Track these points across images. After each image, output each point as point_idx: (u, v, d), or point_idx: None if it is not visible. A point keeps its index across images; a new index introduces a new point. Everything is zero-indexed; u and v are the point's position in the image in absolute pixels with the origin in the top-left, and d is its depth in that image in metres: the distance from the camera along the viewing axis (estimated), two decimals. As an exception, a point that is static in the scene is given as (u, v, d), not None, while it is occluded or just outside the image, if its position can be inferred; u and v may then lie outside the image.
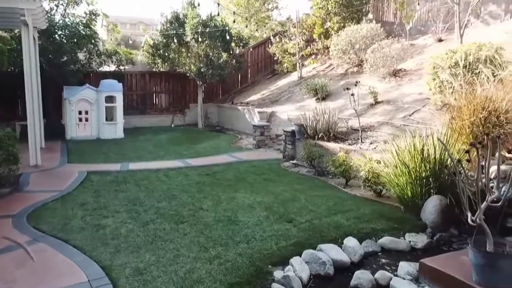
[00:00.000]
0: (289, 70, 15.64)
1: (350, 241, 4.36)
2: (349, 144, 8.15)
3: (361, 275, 3.74)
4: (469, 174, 4.65)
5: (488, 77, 6.11)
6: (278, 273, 3.77)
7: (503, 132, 5.14)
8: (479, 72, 6.78)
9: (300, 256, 4.12)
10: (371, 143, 7.92)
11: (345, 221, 5.07)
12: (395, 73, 11.05)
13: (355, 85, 8.66)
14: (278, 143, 10.71)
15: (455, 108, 5.61)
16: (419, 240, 4.58)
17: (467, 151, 3.27)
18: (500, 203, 3.24)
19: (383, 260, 4.25)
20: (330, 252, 4.12)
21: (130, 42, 29.63)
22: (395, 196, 6.00)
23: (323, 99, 11.90)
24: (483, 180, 3.29)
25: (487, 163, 3.30)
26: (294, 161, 8.95)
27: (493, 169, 5.07)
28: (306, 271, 3.86)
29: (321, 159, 7.86)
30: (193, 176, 7.65)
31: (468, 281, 3.22)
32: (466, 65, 6.68)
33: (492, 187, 4.59)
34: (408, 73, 10.97)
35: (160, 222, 5.14)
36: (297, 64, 14.92)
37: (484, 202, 3.23)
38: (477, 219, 3.18)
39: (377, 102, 9.89)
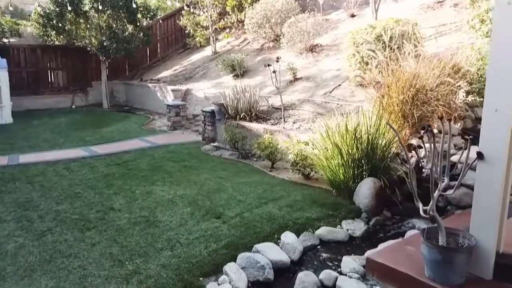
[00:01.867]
0: (202, 44, 14.74)
1: (288, 237, 3.93)
2: (272, 124, 7.75)
3: (304, 278, 3.34)
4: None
5: (409, 53, 6.03)
6: (211, 286, 3.20)
7: (431, 110, 5.07)
8: (398, 47, 6.73)
9: (235, 261, 3.58)
10: (294, 122, 7.60)
11: (277, 211, 4.64)
12: (312, 49, 10.85)
13: (277, 61, 8.23)
14: (196, 124, 9.97)
15: (382, 86, 5.42)
16: (357, 227, 4.32)
17: (421, 137, 2.95)
18: (452, 191, 2.99)
19: (324, 255, 3.90)
20: (268, 253, 3.65)
21: (18, 11, 25.90)
22: (325, 178, 5.73)
23: (241, 75, 11.34)
24: (429, 166, 3.01)
25: (433, 150, 3.01)
26: (215, 144, 8.33)
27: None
28: (244, 280, 3.35)
29: (244, 141, 7.35)
30: (100, 168, 6.65)
31: (421, 278, 2.96)
32: (385, 41, 6.56)
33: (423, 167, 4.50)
34: (324, 48, 10.84)
35: (60, 231, 4.22)
36: (211, 38, 14.09)
37: (436, 191, 2.96)
38: (430, 211, 2.91)
39: (296, 79, 9.60)
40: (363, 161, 4.89)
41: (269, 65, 8.00)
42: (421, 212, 3.00)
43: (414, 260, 3.22)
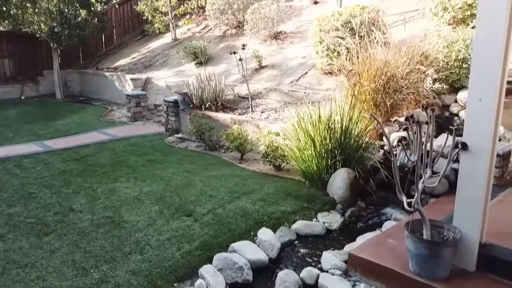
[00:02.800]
0: (161, 31, 14.14)
1: (265, 234, 3.76)
2: (240, 114, 7.52)
3: (285, 277, 3.19)
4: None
5: (378, 41, 5.96)
6: (187, 292, 2.98)
7: (402, 98, 5.03)
8: (365, 35, 6.66)
9: (211, 263, 3.37)
10: (262, 112, 7.42)
11: (251, 206, 4.46)
12: (276, 36, 10.65)
13: (243, 48, 7.97)
14: (158, 115, 9.54)
15: (354, 74, 5.32)
16: (333, 220, 4.22)
17: (405, 128, 2.83)
18: (436, 183, 2.92)
19: (302, 251, 3.77)
20: (245, 252, 3.47)
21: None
22: (296, 169, 5.61)
23: (204, 63, 10.97)
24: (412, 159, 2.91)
25: (419, 142, 2.91)
26: (180, 135, 8.00)
27: (396, 135, 4.98)
28: (222, 283, 3.16)
29: (211, 132, 7.08)
30: (56, 164, 6.17)
31: (406, 273, 2.88)
32: (354, 27, 6.47)
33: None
34: (288, 35, 10.67)
35: (13, 237, 3.82)
36: (170, 25, 13.53)
37: (420, 184, 2.87)
38: (415, 204, 2.82)
39: (262, 67, 9.39)
40: (336, 151, 4.78)
41: (234, 53, 7.74)
42: (405, 205, 2.91)
43: (397, 254, 3.15)
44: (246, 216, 4.23)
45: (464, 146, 2.78)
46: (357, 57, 5.37)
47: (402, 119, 5.37)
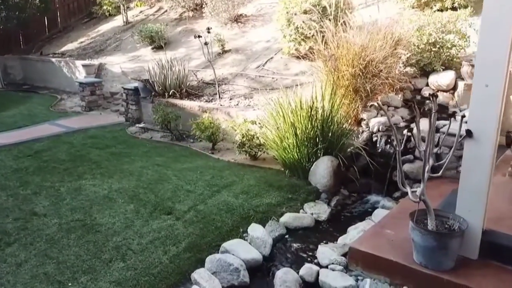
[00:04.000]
0: (111, 13, 13.23)
1: (256, 230, 3.56)
2: (207, 101, 7.18)
3: (285, 276, 3.01)
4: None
5: (349, 24, 5.85)
6: (183, 302, 2.73)
7: (380, 83, 4.97)
8: (334, 17, 6.53)
9: (203, 266, 3.12)
10: (231, 99, 7.12)
11: (234, 200, 4.23)
12: (237, 19, 10.29)
13: (208, 32, 7.58)
14: (116, 103, 8.94)
15: (332, 58, 5.16)
16: (321, 211, 4.10)
17: (422, 115, 2.70)
18: (440, 172, 2.84)
19: (295, 245, 3.61)
20: (239, 252, 3.25)
21: None
22: (274, 158, 5.45)
23: (161, 48, 10.42)
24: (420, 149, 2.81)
25: (432, 131, 2.81)
26: (142, 125, 7.53)
27: (375, 120, 4.91)
28: (217, 287, 2.92)
29: (178, 121, 6.70)
30: (7, 162, 5.55)
31: (411, 265, 2.81)
32: (328, 9, 6.30)
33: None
34: (250, 18, 10.35)
35: (-31, 251, 3.34)
36: (121, 7, 12.69)
37: (425, 174, 2.78)
38: (421, 195, 2.72)
39: (225, 51, 9.02)
40: (318, 139, 4.64)
41: (199, 36, 7.35)
42: (410, 196, 2.82)
43: (397, 245, 3.07)
44: (231, 211, 3.99)
45: (469, 134, 2.71)
46: (333, 41, 5.22)
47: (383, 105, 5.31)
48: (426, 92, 5.73)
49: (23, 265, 3.14)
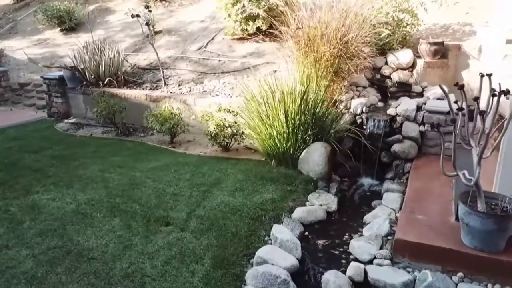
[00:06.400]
0: (-4, -12, 11.18)
1: (282, 232, 3.19)
2: (151, 89, 6.42)
3: (338, 281, 2.74)
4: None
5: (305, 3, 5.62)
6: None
7: (356, 63, 4.86)
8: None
9: (245, 284, 2.69)
10: (179, 85, 6.46)
11: (232, 199, 3.79)
12: (160, -2, 9.42)
13: (149, 11, 6.77)
14: (29, 96, 7.55)
15: (300, 39, 4.89)
16: (329, 201, 3.87)
17: (476, 98, 2.56)
18: (489, 154, 2.78)
19: (320, 242, 3.34)
20: (278, 260, 2.88)
21: None
22: (246, 148, 5.11)
23: (73, 29, 9.10)
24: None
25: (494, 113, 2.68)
26: (72, 120, 6.49)
27: (357, 102, 4.81)
28: (272, 305, 2.53)
29: (123, 113, 5.86)
30: None
31: (465, 250, 2.75)
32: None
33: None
34: (174, -3, 9.55)
35: None
36: (10, -19, 10.78)
37: (476, 158, 2.70)
38: (476, 179, 2.64)
39: (155, 32, 8.18)
40: (306, 125, 4.38)
41: (138, 16, 6.47)
42: (463, 180, 2.73)
43: (440, 231, 2.99)
44: (237, 213, 3.55)
45: (516, 112, 2.69)
46: (299, 21, 4.92)
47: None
48: (386, 70, 5.80)
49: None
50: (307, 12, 5.12)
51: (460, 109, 2.63)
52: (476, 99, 2.52)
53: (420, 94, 5.33)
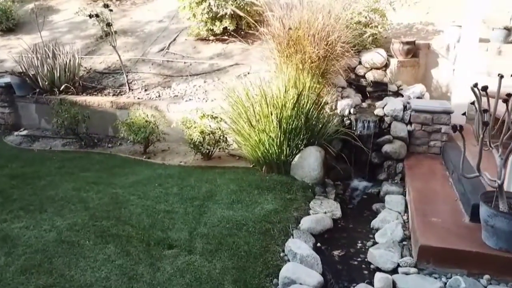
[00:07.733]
0: None
1: (301, 247, 2.98)
2: (115, 95, 5.91)
3: (370, 295, 2.60)
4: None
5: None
6: None
7: (339, 64, 4.78)
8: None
9: (277, 309, 2.45)
10: (145, 90, 6.02)
11: (232, 213, 3.53)
12: (109, -5, 8.76)
13: (110, 10, 6.21)
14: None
15: (283, 40, 4.71)
16: (333, 207, 3.75)
17: (505, 100, 2.52)
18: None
19: (335, 253, 3.19)
20: (305, 278, 2.67)
21: None
22: (229, 155, 4.86)
23: (11, 30, 8.22)
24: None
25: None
26: (24, 132, 5.80)
27: (345, 103, 4.72)
28: (312, 331, 2.32)
29: (86, 123, 5.32)
30: None
31: (492, 252, 2.73)
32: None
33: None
34: (125, -5, 8.95)
35: None
36: None
37: (499, 160, 2.68)
38: (502, 181, 2.63)
39: (109, 34, 7.58)
40: (298, 129, 4.22)
41: (97, 16, 5.98)
42: (487, 181, 2.71)
43: (460, 234, 2.96)
44: (243, 228, 3.29)
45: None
46: (278, 20, 4.75)
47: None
48: (360, 70, 5.81)
49: None
50: (282, 10, 4.97)
51: (485, 111, 2.59)
52: (506, 100, 2.49)
53: (396, 93, 5.40)
